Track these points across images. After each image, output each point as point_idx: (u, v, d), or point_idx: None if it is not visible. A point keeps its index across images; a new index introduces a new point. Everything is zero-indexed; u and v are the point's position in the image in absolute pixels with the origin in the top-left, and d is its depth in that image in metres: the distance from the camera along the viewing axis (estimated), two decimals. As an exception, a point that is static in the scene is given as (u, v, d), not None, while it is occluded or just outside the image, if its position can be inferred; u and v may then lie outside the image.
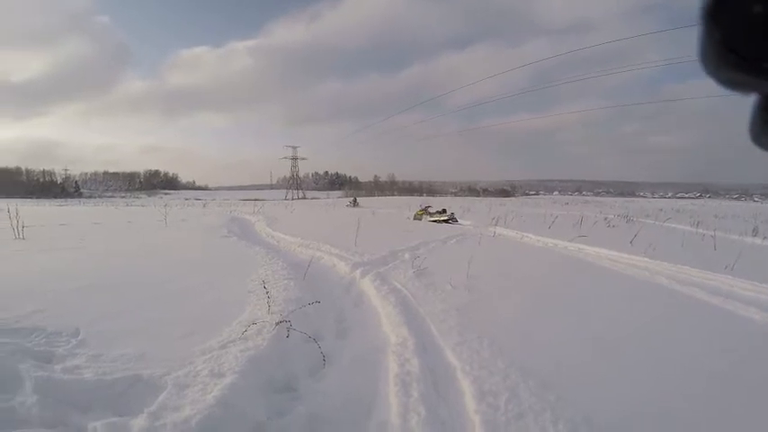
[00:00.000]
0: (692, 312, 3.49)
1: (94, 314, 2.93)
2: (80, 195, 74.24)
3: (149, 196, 70.33)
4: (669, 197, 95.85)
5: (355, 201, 30.04)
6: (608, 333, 2.90)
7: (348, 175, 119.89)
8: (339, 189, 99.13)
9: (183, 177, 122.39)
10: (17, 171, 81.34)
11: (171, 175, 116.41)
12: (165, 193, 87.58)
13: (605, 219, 13.43)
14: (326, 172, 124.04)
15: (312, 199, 58.06)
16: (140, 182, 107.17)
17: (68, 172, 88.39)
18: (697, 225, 11.43)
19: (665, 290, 4.25)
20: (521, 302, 3.59)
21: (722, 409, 1.98)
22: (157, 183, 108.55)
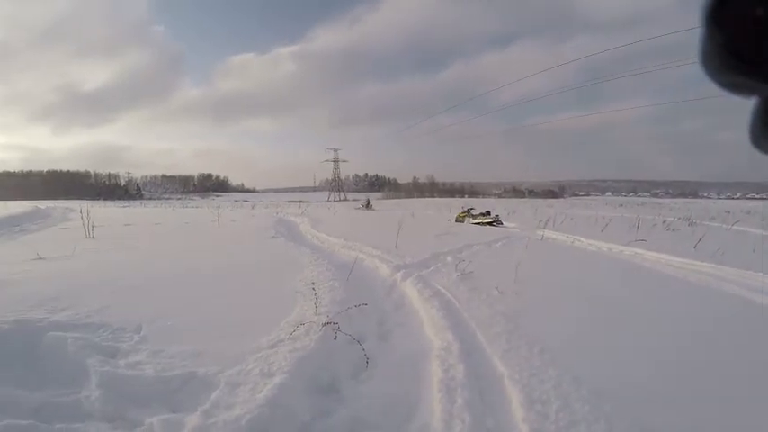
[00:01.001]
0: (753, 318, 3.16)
1: (156, 311, 3.09)
2: (141, 197, 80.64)
3: (202, 198, 74.95)
4: (738, 198, 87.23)
5: (368, 203, 27.70)
6: (672, 348, 2.69)
7: (387, 177, 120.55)
8: (378, 191, 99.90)
9: (233, 180, 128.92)
10: (86, 174, 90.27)
11: (222, 178, 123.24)
12: (217, 195, 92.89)
13: (664, 221, 12.49)
14: (366, 174, 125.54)
15: (353, 200, 58.93)
16: (194, 184, 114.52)
17: (131, 175, 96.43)
18: (772, 228, 10.34)
19: (737, 299, 3.87)
20: (573, 310, 3.41)
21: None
22: (210, 185, 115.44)
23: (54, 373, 2.18)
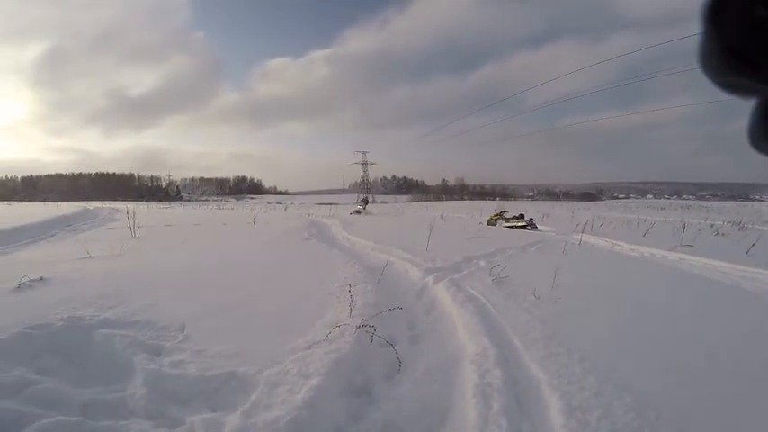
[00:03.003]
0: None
1: (198, 310, 3.20)
2: (180, 199, 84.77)
3: (237, 200, 77.68)
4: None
5: (366, 202, 23.44)
6: (718, 355, 2.55)
7: (415, 180, 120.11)
8: (406, 193, 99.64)
9: (266, 183, 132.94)
10: (131, 177, 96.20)
11: (256, 180, 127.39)
12: (251, 198, 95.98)
13: (711, 225, 11.75)
14: (394, 176, 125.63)
15: (381, 203, 59.15)
16: (230, 187, 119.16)
17: (171, 177, 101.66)
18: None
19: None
20: (615, 317, 3.28)
21: None
22: (244, 188, 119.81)
23: (102, 370, 2.27)
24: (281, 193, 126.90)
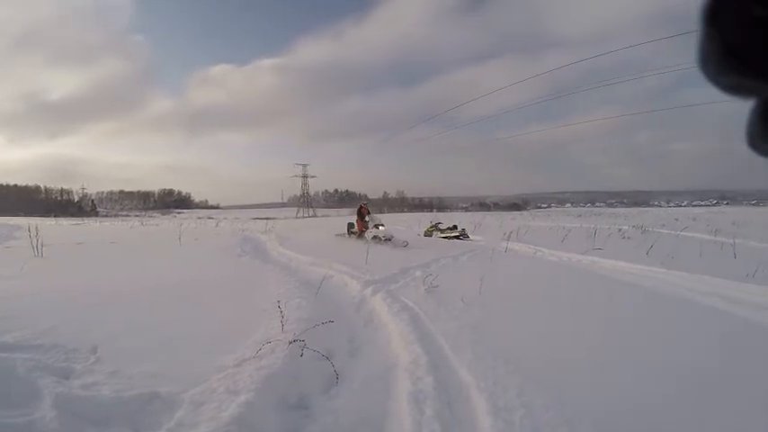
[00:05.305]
0: (708, 321, 3.40)
1: (112, 331, 2.99)
2: (96, 214, 76.06)
3: (163, 215, 71.65)
4: (684, 205, 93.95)
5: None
6: (630, 350, 2.85)
7: (358, 193, 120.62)
8: (349, 206, 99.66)
9: (197, 196, 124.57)
10: (36, 189, 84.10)
11: (185, 194, 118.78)
12: (179, 212, 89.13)
13: (619, 230, 13.23)
14: (336, 189, 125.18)
15: (323, 216, 58.42)
16: (155, 200, 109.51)
17: (85, 190, 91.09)
18: (715, 233, 11.17)
19: (685, 301, 4.15)
20: (534, 318, 3.55)
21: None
22: (171, 202, 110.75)
23: (2, 394, 2.05)
24: (212, 207, 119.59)
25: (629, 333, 3.18)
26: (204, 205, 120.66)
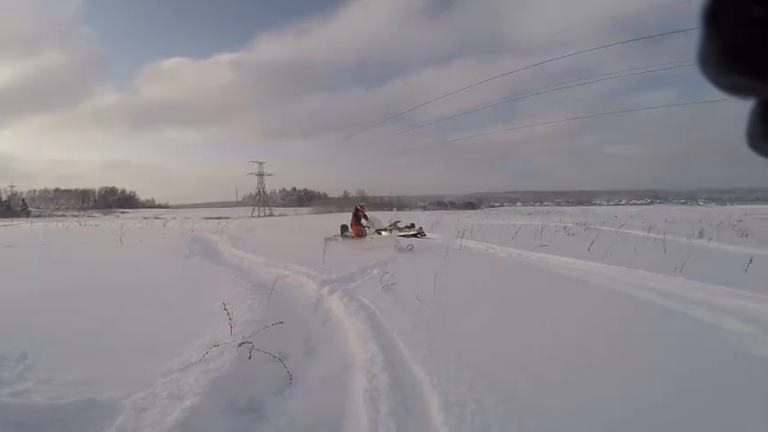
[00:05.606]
0: (645, 316, 3.67)
1: (43, 338, 2.82)
2: (28, 214, 68.95)
3: (104, 215, 66.23)
4: (623, 204, 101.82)
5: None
6: (572, 343, 3.01)
7: (317, 191, 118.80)
8: (308, 205, 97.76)
9: (143, 195, 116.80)
10: (-43, 188, 74.84)
11: (128, 192, 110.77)
12: (122, 212, 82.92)
13: (564, 227, 14.03)
14: (294, 188, 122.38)
15: (280, 215, 56.95)
16: (95, 199, 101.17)
17: (14, 189, 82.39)
18: (648, 230, 12.14)
19: (620, 294, 4.47)
20: (486, 313, 3.67)
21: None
22: (114, 201, 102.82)
23: None
24: (160, 206, 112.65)
25: (572, 326, 3.37)
26: (151, 204, 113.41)
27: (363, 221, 9.80)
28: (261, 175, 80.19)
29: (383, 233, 8.77)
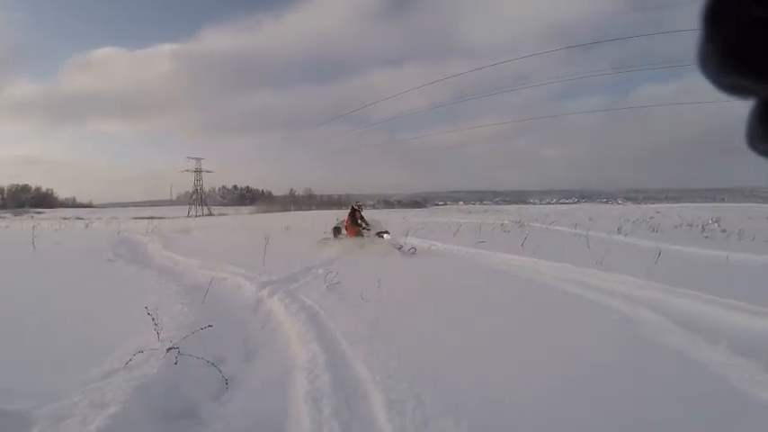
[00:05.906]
0: (568, 306, 3.97)
1: None
2: None
3: (15, 215, 58.20)
4: (554, 203, 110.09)
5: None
6: (507, 337, 3.14)
7: (261, 190, 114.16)
8: (250, 204, 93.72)
9: (62, 193, 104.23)
10: None
11: (44, 190, 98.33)
12: (38, 212, 73.39)
13: (501, 225, 14.82)
14: (236, 186, 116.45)
15: (220, 215, 54.03)
16: (3, 198, 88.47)
17: None
18: (575, 227, 13.19)
19: (547, 286, 4.81)
20: (428, 310, 3.74)
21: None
22: (27, 199, 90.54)
23: None
24: (82, 205, 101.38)
25: (508, 319, 3.53)
26: (71, 203, 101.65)
27: (361, 222, 9.08)
28: (198, 171, 75.47)
29: (385, 236, 8.36)
